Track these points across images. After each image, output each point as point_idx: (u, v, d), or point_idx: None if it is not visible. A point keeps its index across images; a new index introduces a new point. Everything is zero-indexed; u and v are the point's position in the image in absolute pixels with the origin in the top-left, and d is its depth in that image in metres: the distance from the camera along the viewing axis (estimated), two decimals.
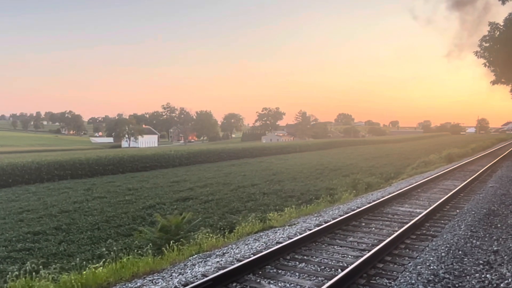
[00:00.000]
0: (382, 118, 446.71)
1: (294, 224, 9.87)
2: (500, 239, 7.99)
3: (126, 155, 37.37)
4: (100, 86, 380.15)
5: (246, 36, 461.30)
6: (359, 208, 10.45)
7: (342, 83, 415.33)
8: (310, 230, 8.17)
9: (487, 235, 8.25)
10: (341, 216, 9.56)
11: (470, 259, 6.68)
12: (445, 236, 7.84)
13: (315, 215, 11.02)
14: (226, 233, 10.16)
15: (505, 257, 6.82)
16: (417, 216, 9.20)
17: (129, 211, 17.05)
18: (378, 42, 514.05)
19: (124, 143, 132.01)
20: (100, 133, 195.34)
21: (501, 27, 27.61)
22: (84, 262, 9.74)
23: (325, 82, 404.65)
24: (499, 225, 9.21)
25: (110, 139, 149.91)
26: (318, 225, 8.73)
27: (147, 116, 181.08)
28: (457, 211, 10.33)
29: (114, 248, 10.00)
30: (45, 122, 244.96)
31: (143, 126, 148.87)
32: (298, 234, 8.03)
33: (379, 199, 11.94)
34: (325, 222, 8.95)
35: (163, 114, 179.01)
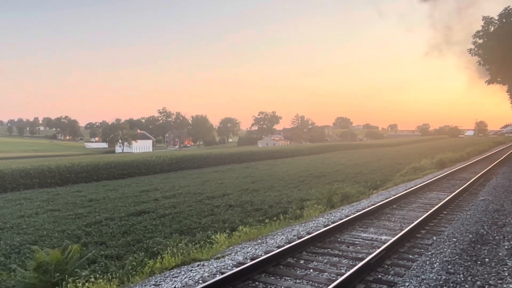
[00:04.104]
0: (381, 121, 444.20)
1: (223, 256, 7.60)
2: (487, 286, 5.73)
3: (101, 161, 35.48)
4: (99, 91, 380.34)
5: (243, 40, 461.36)
6: (310, 234, 8.14)
7: (341, 87, 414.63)
8: (223, 273, 5.88)
9: (469, 279, 5.97)
10: (279, 247, 7.25)
11: None
12: (407, 284, 5.56)
13: (258, 241, 8.73)
14: (138, 267, 7.92)
15: None
16: (379, 247, 6.93)
17: (69, 228, 14.80)
18: (377, 45, 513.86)
19: (118, 149, 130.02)
20: (97, 138, 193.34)
21: (496, 22, 25.42)
22: None
23: (324, 86, 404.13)
24: (487, 259, 6.94)
25: (105, 145, 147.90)
26: (239, 264, 6.41)
27: (143, 121, 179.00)
28: (434, 238, 8.02)
29: None
30: (42, 128, 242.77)
31: (138, 131, 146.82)
32: (201, 282, 5.74)
33: (342, 219, 9.63)
34: (252, 259, 6.64)
35: (159, 118, 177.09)
